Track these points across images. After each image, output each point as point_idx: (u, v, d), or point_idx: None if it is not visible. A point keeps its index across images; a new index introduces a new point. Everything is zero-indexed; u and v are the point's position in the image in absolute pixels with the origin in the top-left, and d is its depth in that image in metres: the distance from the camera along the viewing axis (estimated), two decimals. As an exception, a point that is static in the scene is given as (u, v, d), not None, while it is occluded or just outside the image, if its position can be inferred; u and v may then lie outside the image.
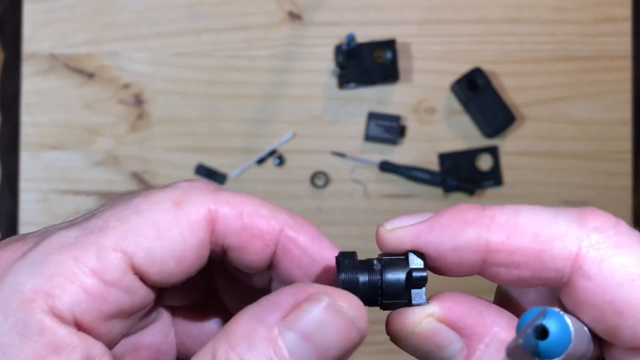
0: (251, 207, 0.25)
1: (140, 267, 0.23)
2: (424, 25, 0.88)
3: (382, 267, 0.24)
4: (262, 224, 0.25)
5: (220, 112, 0.87)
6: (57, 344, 0.21)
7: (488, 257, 0.22)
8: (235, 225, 0.24)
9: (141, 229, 0.23)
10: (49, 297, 0.21)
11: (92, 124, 0.87)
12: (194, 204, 0.24)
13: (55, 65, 0.86)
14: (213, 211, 0.24)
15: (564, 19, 0.88)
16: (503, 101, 0.85)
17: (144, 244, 0.23)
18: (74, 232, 0.23)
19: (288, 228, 0.25)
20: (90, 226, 0.23)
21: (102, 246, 0.22)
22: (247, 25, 0.87)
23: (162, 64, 0.87)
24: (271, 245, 0.25)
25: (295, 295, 0.22)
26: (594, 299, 0.21)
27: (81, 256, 0.22)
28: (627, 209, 0.87)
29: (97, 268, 0.22)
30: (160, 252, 0.23)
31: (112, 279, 0.22)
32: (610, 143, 0.87)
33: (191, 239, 0.23)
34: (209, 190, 0.25)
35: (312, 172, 0.87)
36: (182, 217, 0.23)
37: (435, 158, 0.87)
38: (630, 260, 0.21)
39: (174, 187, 0.25)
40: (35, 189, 0.86)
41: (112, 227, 0.23)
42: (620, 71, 0.87)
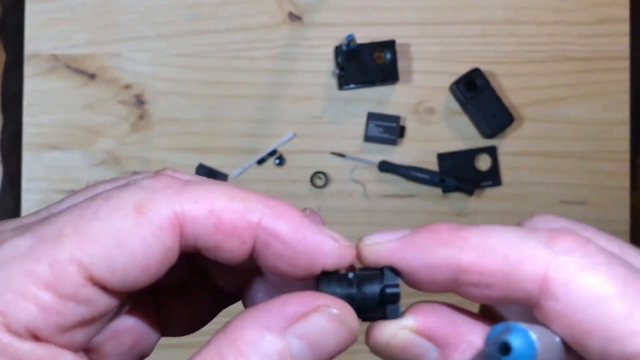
0: (222, 202, 0.23)
1: (99, 278, 0.22)
2: (424, 26, 0.88)
3: (358, 282, 0.24)
4: (236, 221, 0.23)
5: (221, 113, 0.87)
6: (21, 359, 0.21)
7: (459, 277, 0.23)
8: (207, 225, 0.23)
9: (98, 237, 0.21)
10: (1, 314, 0.20)
11: (93, 124, 0.87)
12: (157, 208, 0.22)
13: (56, 65, 0.87)
14: (179, 213, 0.22)
15: (562, 20, 0.88)
16: (502, 102, 0.86)
17: (102, 254, 0.21)
18: (27, 241, 0.21)
19: (265, 219, 0.23)
20: (44, 233, 0.21)
21: (56, 258, 0.21)
22: (247, 26, 0.88)
23: (163, 64, 0.87)
24: (248, 241, 0.23)
25: (303, 304, 0.22)
26: (562, 319, 0.22)
27: (34, 269, 0.21)
28: (625, 208, 0.87)
29: (51, 282, 0.21)
30: (121, 261, 0.22)
31: (68, 292, 0.21)
32: (609, 143, 0.88)
33: (155, 246, 0.22)
34: (175, 189, 0.23)
35: (312, 172, 0.87)
36: (143, 223, 0.22)
37: (435, 158, 0.88)
38: (596, 281, 0.21)
39: (136, 186, 0.23)
40: (37, 189, 0.86)
41: (67, 237, 0.21)
42: (619, 72, 0.88)
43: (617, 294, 0.21)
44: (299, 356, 0.22)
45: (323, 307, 0.23)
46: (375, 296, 0.24)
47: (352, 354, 0.95)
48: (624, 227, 0.87)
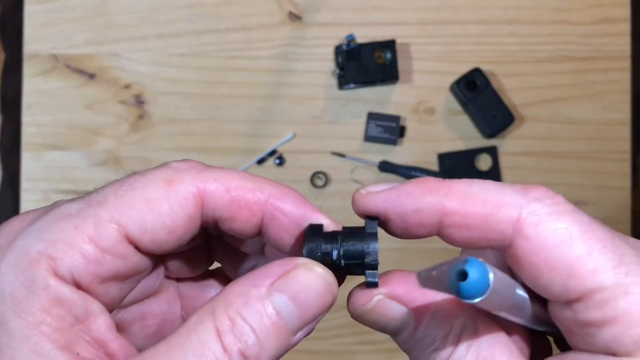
0: (237, 181, 0.27)
1: (134, 236, 0.26)
2: (424, 25, 0.88)
3: (341, 241, 0.28)
4: (248, 196, 0.27)
5: (221, 113, 0.87)
6: (60, 299, 0.24)
7: (444, 219, 0.26)
8: (223, 199, 0.27)
9: (134, 203, 0.26)
10: (51, 259, 0.24)
11: (93, 124, 0.87)
12: (183, 182, 0.27)
13: (56, 65, 0.87)
14: (202, 188, 0.27)
15: (563, 20, 0.88)
16: (502, 101, 0.86)
17: (136, 216, 0.26)
18: (77, 205, 0.26)
19: (272, 197, 0.28)
20: (91, 200, 0.26)
21: (100, 217, 0.25)
22: (247, 26, 0.88)
23: (162, 64, 0.87)
24: (258, 214, 0.28)
25: (284, 266, 0.26)
26: (531, 257, 0.25)
27: (81, 225, 0.25)
28: (625, 209, 0.87)
29: (94, 236, 0.25)
30: (151, 223, 0.26)
31: (108, 246, 0.25)
32: (609, 143, 0.88)
33: (180, 213, 0.26)
34: (198, 170, 0.27)
35: (312, 172, 0.87)
36: (171, 194, 0.26)
37: (435, 158, 0.88)
38: (562, 224, 0.24)
39: (166, 166, 0.27)
40: (37, 189, 0.86)
41: (109, 201, 0.26)
42: (619, 72, 0.88)
43: (580, 236, 0.24)
44: (283, 308, 0.25)
45: (301, 264, 0.26)
46: (356, 261, 0.27)
47: (352, 355, 0.94)
48: (625, 227, 0.87)
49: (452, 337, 0.26)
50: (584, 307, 0.24)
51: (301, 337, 0.26)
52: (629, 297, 0.23)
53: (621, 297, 0.23)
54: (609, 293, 0.24)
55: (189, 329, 0.24)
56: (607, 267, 0.24)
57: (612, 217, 0.87)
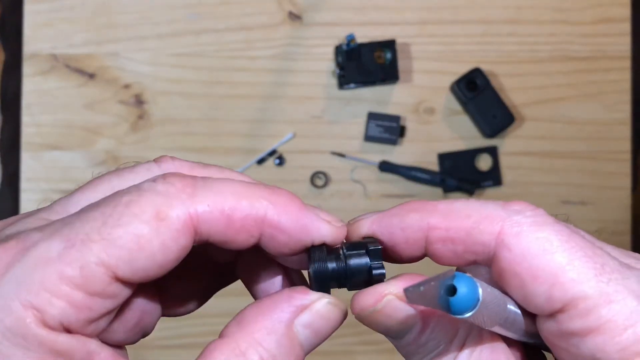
0: (231, 201, 0.25)
1: (123, 276, 0.24)
2: (424, 25, 0.88)
3: (346, 258, 0.27)
4: (245, 219, 0.26)
5: (221, 112, 0.87)
6: (57, 350, 0.23)
7: (429, 235, 0.26)
8: (218, 225, 0.25)
9: (122, 242, 0.24)
10: (38, 311, 0.23)
11: (92, 124, 0.87)
12: (174, 213, 0.24)
13: (56, 65, 0.87)
14: (194, 216, 0.25)
15: (563, 20, 0.88)
16: (502, 101, 0.86)
17: (125, 257, 0.24)
18: (57, 245, 0.24)
19: (270, 214, 0.26)
20: (73, 238, 0.24)
21: (85, 262, 0.23)
22: (247, 26, 0.88)
23: (162, 64, 0.87)
24: (255, 234, 0.26)
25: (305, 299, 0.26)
26: (514, 267, 0.25)
27: (65, 271, 0.23)
28: (626, 209, 0.87)
29: (81, 282, 0.23)
30: (142, 262, 0.24)
31: (96, 290, 0.24)
32: (610, 143, 0.88)
33: (173, 247, 0.25)
34: (188, 193, 0.25)
35: (312, 172, 0.87)
36: (162, 228, 0.24)
37: (435, 158, 0.87)
38: (543, 235, 0.25)
39: (152, 192, 0.25)
40: (36, 189, 0.86)
41: (94, 241, 0.24)
42: (620, 71, 0.88)
43: (561, 246, 0.24)
44: (305, 340, 0.26)
45: (320, 297, 0.27)
46: (363, 276, 0.27)
47: (352, 355, 0.94)
48: (625, 227, 0.87)
49: (457, 341, 0.26)
50: (568, 317, 0.24)
51: None
52: (611, 305, 0.23)
53: (604, 306, 0.23)
54: (591, 302, 0.24)
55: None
56: (589, 276, 0.24)
57: (612, 217, 0.87)
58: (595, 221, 0.87)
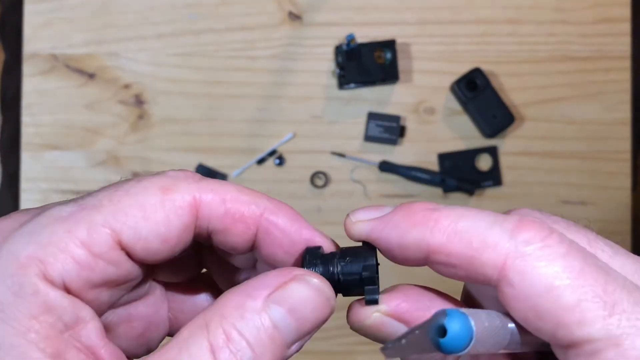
0: (233, 193, 0.27)
1: (127, 243, 0.25)
2: (424, 25, 0.88)
3: (339, 261, 0.27)
4: (244, 209, 0.27)
5: (221, 112, 0.87)
6: (49, 305, 0.24)
7: (429, 256, 0.25)
8: (218, 210, 0.27)
9: (129, 209, 0.25)
10: (41, 263, 0.24)
11: (92, 124, 0.87)
12: (179, 191, 0.26)
13: (56, 65, 0.87)
14: (197, 198, 0.26)
15: (563, 20, 0.88)
16: (502, 101, 0.86)
17: (130, 222, 0.25)
18: (70, 207, 0.25)
19: (268, 211, 0.27)
20: (84, 203, 0.25)
21: (93, 222, 0.25)
22: (247, 26, 0.88)
23: (162, 64, 0.87)
24: (252, 228, 0.27)
25: (281, 276, 0.25)
26: (518, 303, 0.24)
27: (73, 229, 0.24)
28: (626, 209, 0.87)
29: (86, 241, 0.24)
30: (145, 231, 0.25)
31: (100, 251, 0.25)
32: (610, 143, 0.88)
33: (175, 222, 0.26)
34: (195, 179, 0.27)
35: (312, 172, 0.87)
36: (167, 202, 0.26)
37: (435, 158, 0.88)
38: (550, 271, 0.23)
39: (163, 174, 0.27)
40: (36, 189, 0.86)
41: (103, 206, 0.25)
42: (620, 71, 0.88)
43: (570, 284, 0.23)
44: (280, 321, 0.24)
45: (300, 276, 0.25)
46: (355, 278, 0.27)
47: (352, 355, 0.94)
48: (625, 227, 0.87)
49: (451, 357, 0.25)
50: (575, 354, 0.23)
51: (296, 349, 0.25)
52: (619, 349, 0.23)
53: (611, 349, 0.23)
54: (598, 344, 0.23)
55: (180, 345, 0.23)
56: (597, 318, 0.23)
57: (612, 217, 0.87)
58: (595, 221, 0.87)
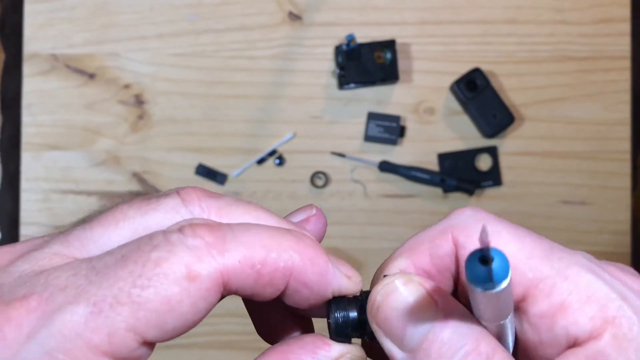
0: (261, 254, 0.25)
1: (152, 339, 0.24)
2: (424, 25, 0.88)
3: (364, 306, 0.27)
4: (273, 273, 0.25)
5: (221, 113, 0.87)
6: None
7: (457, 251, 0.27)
8: (248, 281, 0.25)
9: (152, 305, 0.23)
10: None
11: (93, 124, 0.87)
12: (205, 272, 0.24)
13: (56, 65, 0.87)
14: (224, 273, 0.24)
15: (563, 20, 0.88)
16: (502, 101, 0.86)
17: (155, 320, 0.23)
18: (83, 310, 0.23)
19: (297, 269, 0.26)
20: (99, 302, 0.23)
21: (114, 327, 0.23)
22: (247, 26, 0.88)
23: (162, 64, 0.87)
24: (282, 287, 0.26)
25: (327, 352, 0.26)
26: None
27: (93, 340, 0.22)
28: (626, 209, 0.87)
29: (108, 350, 0.23)
30: (172, 324, 0.24)
31: (124, 355, 0.23)
32: (610, 143, 0.88)
33: (202, 306, 0.24)
34: (218, 249, 0.24)
35: (312, 172, 0.87)
36: (193, 289, 0.23)
37: (435, 158, 0.88)
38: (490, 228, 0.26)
39: (182, 246, 0.24)
40: (36, 189, 0.86)
41: (122, 305, 0.23)
42: (619, 71, 0.88)
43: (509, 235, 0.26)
44: None
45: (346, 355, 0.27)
46: None
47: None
48: (625, 227, 0.87)
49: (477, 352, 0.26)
50: (533, 302, 0.25)
51: None
52: (568, 280, 0.25)
53: (562, 281, 0.25)
54: (549, 281, 0.25)
55: None
56: (542, 257, 0.25)
57: (612, 217, 0.87)
58: (595, 221, 0.87)
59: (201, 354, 0.84)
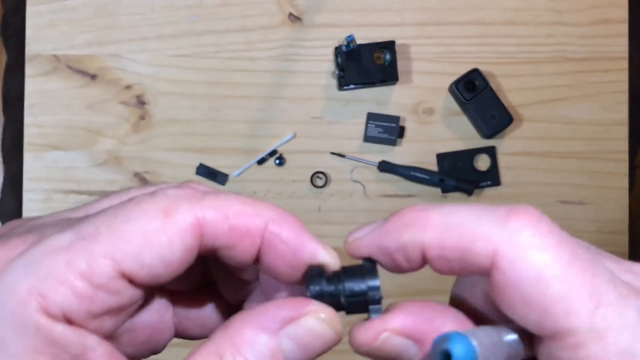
0: (236, 207, 0.26)
1: (129, 272, 0.24)
2: (423, 27, 0.89)
3: (343, 281, 0.27)
4: (248, 223, 0.26)
5: (221, 113, 0.88)
6: (53, 339, 0.23)
7: (425, 253, 0.26)
8: (223, 227, 0.26)
9: (130, 236, 0.24)
10: (41, 297, 0.23)
11: (94, 125, 0.87)
12: (181, 212, 0.25)
13: (58, 66, 0.87)
14: (200, 217, 0.25)
15: (561, 21, 0.89)
16: (501, 102, 0.86)
17: (132, 251, 0.24)
18: (68, 236, 0.24)
19: (272, 224, 0.26)
20: (83, 231, 0.24)
21: (93, 252, 0.24)
22: (247, 27, 0.88)
23: (163, 65, 0.88)
24: (257, 241, 0.26)
25: (294, 309, 0.25)
26: (507, 291, 0.24)
27: (73, 260, 0.24)
28: (623, 208, 0.88)
29: (86, 272, 0.24)
30: (148, 258, 0.24)
31: (101, 282, 0.24)
32: (607, 143, 0.88)
33: (179, 245, 0.25)
34: (196, 197, 0.26)
35: (312, 172, 0.88)
36: (169, 225, 0.25)
37: (434, 158, 0.88)
38: (540, 260, 0.23)
39: (162, 194, 0.26)
40: (39, 189, 0.87)
41: (102, 234, 0.24)
42: (617, 72, 0.88)
43: (558, 275, 0.23)
44: (290, 354, 0.25)
45: (313, 312, 0.26)
46: (360, 299, 0.27)
47: (352, 354, 0.95)
48: (623, 227, 0.87)
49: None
50: (557, 347, 0.24)
51: None
52: (602, 342, 0.23)
53: (594, 342, 0.23)
54: (582, 337, 0.23)
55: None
56: (583, 310, 0.23)
57: (609, 217, 0.88)
58: (593, 221, 0.88)
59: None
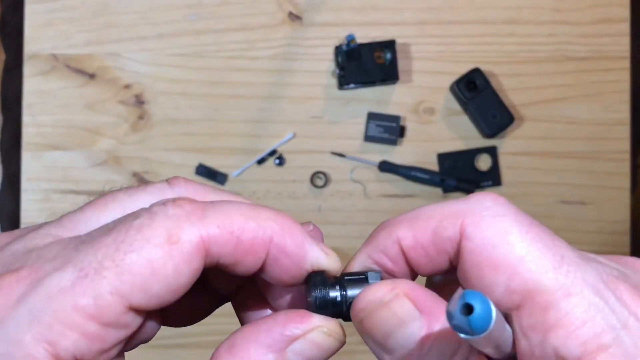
0: (239, 222, 0.25)
1: (138, 304, 0.24)
2: (424, 26, 0.88)
3: (345, 287, 0.27)
4: (252, 239, 0.26)
5: (221, 113, 0.87)
6: None
7: (402, 245, 0.27)
8: (228, 246, 0.25)
9: (136, 268, 0.23)
10: (50, 345, 0.22)
11: (93, 125, 0.87)
12: (186, 236, 0.24)
13: (56, 65, 0.87)
14: (205, 238, 0.25)
15: (562, 20, 0.88)
16: (502, 101, 0.86)
17: (139, 283, 0.23)
18: (69, 274, 0.23)
19: (276, 236, 0.26)
20: (86, 267, 0.23)
21: (100, 291, 0.23)
22: (247, 26, 0.88)
23: (162, 64, 0.87)
24: (262, 256, 0.26)
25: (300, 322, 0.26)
26: (475, 257, 0.25)
27: (79, 302, 0.23)
28: (625, 208, 0.87)
29: (95, 313, 0.23)
30: (155, 288, 0.24)
31: (110, 320, 0.23)
32: (609, 143, 0.88)
33: (185, 271, 0.24)
34: (198, 216, 0.25)
35: (312, 172, 0.87)
36: (175, 252, 0.24)
37: (435, 158, 0.88)
38: (503, 225, 0.25)
39: (163, 215, 0.25)
40: (37, 189, 0.87)
41: (107, 269, 0.23)
42: (619, 72, 0.88)
43: (520, 237, 0.24)
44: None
45: (319, 328, 0.26)
46: None
47: (352, 354, 0.94)
48: (624, 227, 0.87)
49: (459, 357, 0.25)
50: (528, 312, 0.24)
51: None
52: (570, 298, 0.23)
53: (562, 299, 0.23)
54: (550, 295, 0.23)
55: None
56: (548, 268, 0.24)
57: (611, 217, 0.87)
58: (594, 221, 0.87)
59: (201, 353, 0.84)
